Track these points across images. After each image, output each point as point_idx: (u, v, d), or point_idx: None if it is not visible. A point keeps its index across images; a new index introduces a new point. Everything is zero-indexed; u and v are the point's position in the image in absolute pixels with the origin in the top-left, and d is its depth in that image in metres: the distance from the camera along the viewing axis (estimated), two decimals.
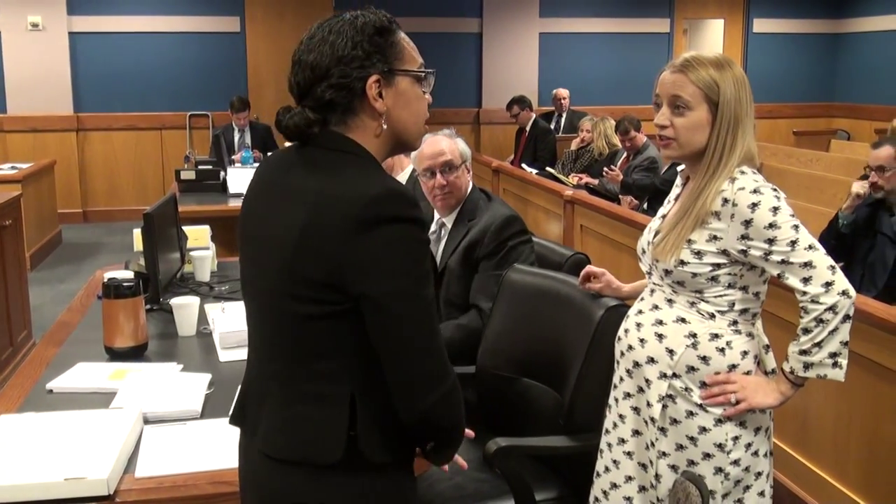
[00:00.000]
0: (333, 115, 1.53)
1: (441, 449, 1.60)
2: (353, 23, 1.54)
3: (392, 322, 1.44)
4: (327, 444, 1.48)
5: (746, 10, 11.47)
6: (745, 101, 2.01)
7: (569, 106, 9.64)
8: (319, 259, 1.44)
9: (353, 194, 1.43)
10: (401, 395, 1.47)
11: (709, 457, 2.01)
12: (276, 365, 1.55)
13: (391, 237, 1.42)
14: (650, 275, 2.14)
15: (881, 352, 2.75)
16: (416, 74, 1.59)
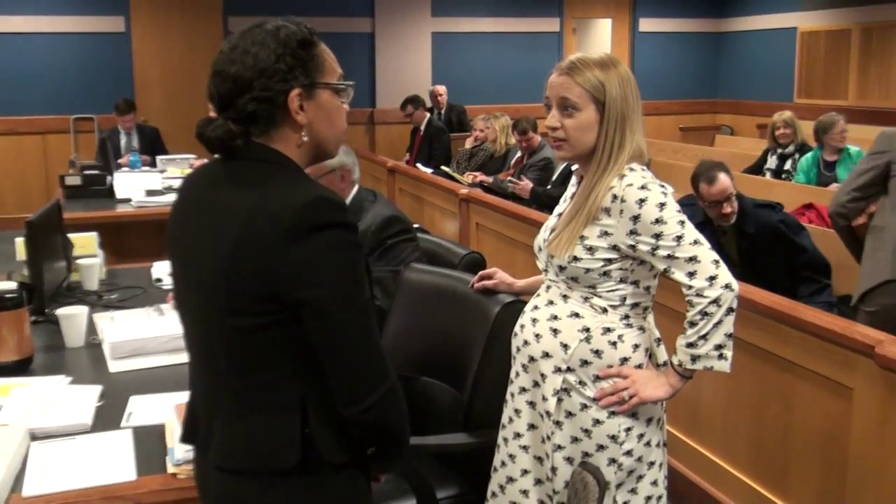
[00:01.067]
0: (255, 126, 1.54)
1: (384, 453, 1.63)
2: (275, 35, 1.54)
3: (330, 326, 1.46)
4: (284, 450, 1.50)
5: (633, 9, 11.76)
6: (631, 98, 2.06)
7: (447, 102, 9.72)
8: (255, 271, 1.44)
9: (283, 204, 1.44)
10: (342, 396, 1.50)
11: (603, 448, 2.06)
12: (222, 379, 1.55)
13: (324, 243, 1.44)
14: (546, 272, 2.18)
15: (765, 338, 2.86)
16: (337, 87, 1.61)
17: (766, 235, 4.02)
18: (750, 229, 4.03)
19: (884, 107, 9.15)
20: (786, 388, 2.85)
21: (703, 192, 4.00)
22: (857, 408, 2.54)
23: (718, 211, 4.00)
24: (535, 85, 10.97)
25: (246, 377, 1.52)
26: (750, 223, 4.04)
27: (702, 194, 4.02)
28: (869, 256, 3.27)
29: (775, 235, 4.02)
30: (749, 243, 4.04)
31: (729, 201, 3.99)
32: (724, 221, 4.04)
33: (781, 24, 11.04)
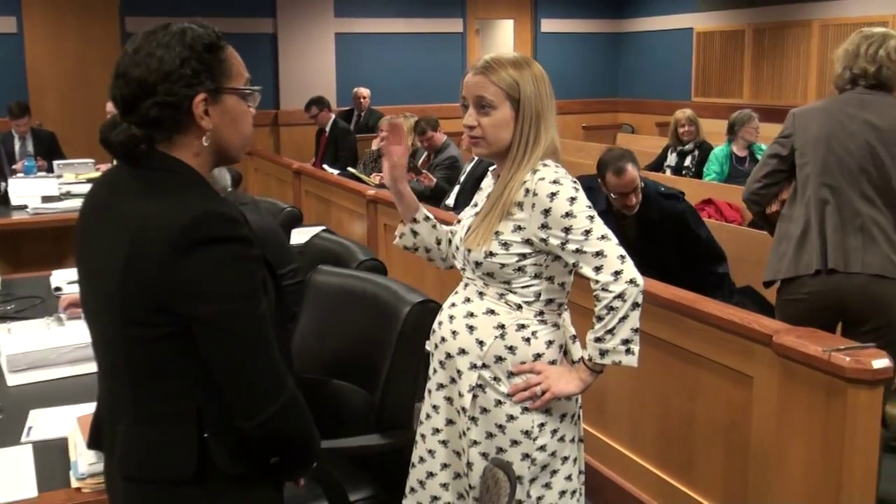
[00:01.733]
0: (159, 131, 1.51)
1: (290, 462, 1.62)
2: (181, 38, 1.51)
3: (220, 342, 1.45)
4: (180, 460, 1.49)
5: (534, 10, 11.91)
6: (545, 96, 2.10)
7: (369, 105, 9.70)
8: (146, 284, 1.43)
9: (173, 218, 1.42)
10: (238, 409, 1.48)
11: (516, 443, 2.08)
12: (122, 387, 1.53)
13: (212, 258, 1.42)
14: (464, 270, 2.20)
15: (668, 330, 2.93)
16: (243, 92, 1.59)
17: (669, 225, 4.00)
18: (654, 216, 4.00)
19: (776, 105, 9.49)
20: (689, 379, 2.92)
21: (610, 183, 3.95)
22: (757, 395, 2.62)
23: (623, 201, 3.97)
24: (441, 85, 11.09)
25: (145, 386, 1.50)
26: (655, 211, 4.00)
27: (608, 184, 3.96)
28: (775, 246, 3.24)
29: (678, 225, 4.00)
30: (650, 230, 4.00)
31: (635, 192, 3.95)
32: (627, 211, 4.00)
33: (678, 25, 11.33)
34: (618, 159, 3.96)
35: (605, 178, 3.98)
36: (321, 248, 3.52)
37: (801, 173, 3.14)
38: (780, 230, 3.21)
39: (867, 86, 3.10)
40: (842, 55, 3.16)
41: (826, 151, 3.07)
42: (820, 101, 3.26)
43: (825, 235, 3.05)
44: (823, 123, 3.11)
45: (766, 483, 2.61)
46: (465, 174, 6.04)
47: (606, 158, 4.01)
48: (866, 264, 3.01)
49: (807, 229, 3.09)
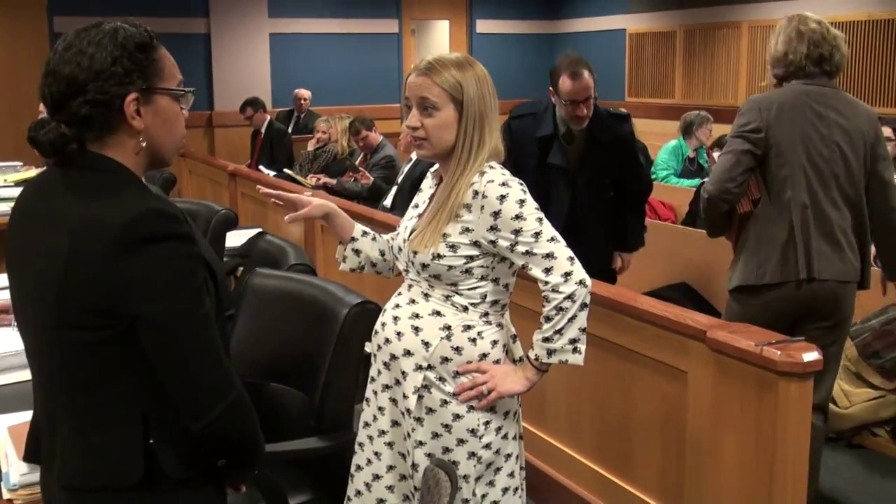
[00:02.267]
0: (90, 131, 1.48)
1: (236, 465, 1.60)
2: (113, 36, 1.49)
3: (167, 341, 1.43)
4: (126, 466, 1.47)
5: (469, 11, 11.96)
6: (488, 97, 2.11)
7: (309, 107, 9.65)
8: (88, 286, 1.40)
9: (112, 217, 1.40)
10: (185, 411, 1.47)
11: (463, 442, 2.09)
12: (63, 396, 1.50)
13: (156, 256, 1.41)
14: (407, 272, 2.19)
15: (604, 328, 2.97)
16: (176, 93, 1.57)
17: (617, 148, 3.77)
18: (604, 137, 3.74)
19: (708, 104, 9.66)
20: (625, 375, 2.96)
21: (564, 88, 3.61)
22: (691, 390, 2.67)
23: (574, 111, 3.63)
24: (377, 86, 11.07)
25: (85, 393, 1.48)
26: (605, 131, 3.75)
27: (561, 89, 3.62)
28: (753, 249, 3.04)
29: (625, 149, 3.80)
30: (596, 154, 3.74)
31: (587, 103, 3.62)
32: (576, 124, 3.67)
33: (611, 26, 11.48)
34: (575, 63, 3.66)
35: (557, 83, 3.67)
36: (258, 251, 3.49)
37: (779, 174, 2.99)
38: (758, 232, 3.03)
39: (821, 73, 3.03)
40: (794, 35, 3.03)
41: (804, 155, 2.98)
42: (779, 93, 3.06)
43: (809, 242, 2.97)
44: (795, 122, 2.99)
45: (701, 475, 2.66)
46: (403, 175, 6.02)
47: (561, 62, 3.71)
48: (836, 272, 2.98)
49: (792, 234, 2.97)
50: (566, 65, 3.67)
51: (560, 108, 3.67)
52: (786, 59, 3.04)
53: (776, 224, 2.98)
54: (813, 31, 3.02)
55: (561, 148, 3.70)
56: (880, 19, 8.28)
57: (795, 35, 3.03)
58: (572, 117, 3.65)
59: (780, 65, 3.07)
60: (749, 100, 3.10)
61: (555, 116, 3.74)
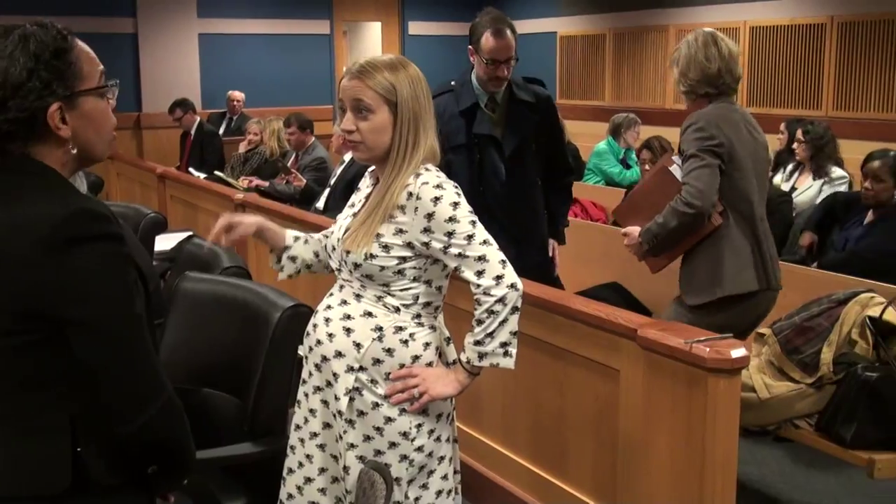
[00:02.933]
0: (13, 143, 1.45)
1: (167, 471, 1.57)
2: (25, 47, 1.44)
3: (99, 342, 1.40)
4: (54, 474, 1.43)
5: (401, 13, 11.95)
6: (422, 98, 2.10)
7: (241, 109, 9.55)
8: (14, 289, 1.37)
9: (40, 218, 1.37)
10: (115, 415, 1.44)
11: (394, 445, 2.09)
12: None
13: (86, 257, 1.38)
14: (339, 271, 2.18)
15: (537, 327, 2.99)
16: (100, 90, 1.53)
17: (541, 108, 3.66)
18: (527, 97, 3.62)
19: (637, 107, 9.80)
20: (559, 374, 2.99)
21: (486, 45, 3.44)
22: (623, 387, 2.71)
23: (494, 71, 3.47)
24: (309, 87, 11.00)
25: (11, 400, 1.44)
26: (525, 92, 3.64)
27: (483, 47, 3.45)
28: (727, 260, 3.08)
29: (548, 110, 3.69)
30: (520, 117, 3.61)
31: (508, 63, 3.47)
32: (495, 86, 3.53)
33: (542, 29, 11.57)
34: (497, 20, 3.50)
35: (479, 41, 3.50)
36: (188, 255, 3.44)
37: (739, 186, 3.10)
38: (731, 244, 3.09)
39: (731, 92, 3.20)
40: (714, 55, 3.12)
41: (753, 171, 3.13)
42: (719, 109, 3.15)
43: (770, 251, 3.17)
44: (741, 138, 3.12)
45: (633, 471, 2.70)
46: (336, 177, 5.99)
47: (482, 19, 3.53)
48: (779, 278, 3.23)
49: (758, 244, 3.12)
50: (488, 21, 3.49)
51: (479, 68, 3.52)
52: (718, 79, 3.12)
53: (745, 235, 3.10)
54: (730, 51, 3.14)
55: (485, 116, 3.57)
56: (803, 24, 8.51)
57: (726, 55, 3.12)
58: (492, 78, 3.49)
59: (712, 84, 3.14)
60: (701, 116, 3.10)
61: (473, 88, 3.62)
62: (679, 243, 3.14)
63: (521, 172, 3.62)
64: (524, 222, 3.65)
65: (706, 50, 3.12)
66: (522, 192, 3.64)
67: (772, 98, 8.85)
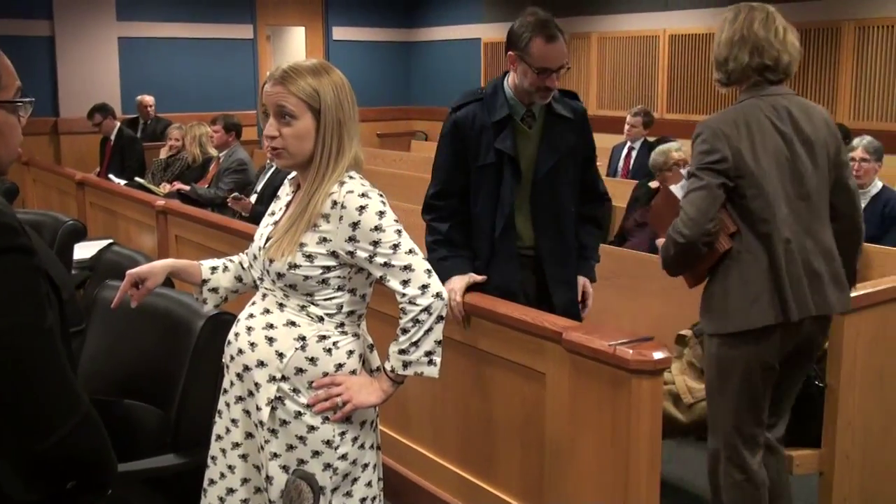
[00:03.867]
0: None
1: (87, 486, 1.52)
2: None
3: (11, 357, 1.36)
4: None
5: (325, 18, 11.90)
6: (346, 104, 2.08)
7: (155, 113, 9.37)
8: None
9: None
10: (31, 430, 1.39)
11: (318, 454, 2.07)
12: None
13: None
14: (262, 280, 2.15)
15: (464, 331, 3.00)
16: (14, 105, 1.49)
17: (578, 126, 3.13)
18: (565, 112, 3.08)
19: None
20: (486, 379, 3.01)
21: (536, 52, 2.91)
22: (549, 390, 2.73)
23: (543, 81, 2.94)
24: (233, 92, 10.87)
25: None
26: (563, 105, 3.10)
27: (533, 54, 2.91)
28: (738, 290, 2.65)
29: (584, 126, 3.16)
30: (559, 136, 3.07)
31: (558, 74, 2.95)
32: (542, 98, 2.99)
33: (466, 35, 11.66)
34: (547, 24, 2.96)
35: (526, 47, 2.94)
36: (109, 263, 3.36)
37: (754, 205, 2.63)
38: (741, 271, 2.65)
39: (776, 81, 2.69)
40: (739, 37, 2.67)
41: (777, 181, 2.64)
42: (739, 108, 2.70)
43: (794, 280, 2.63)
44: (761, 143, 2.64)
45: (560, 473, 2.72)
46: (264, 183, 5.92)
47: (528, 22, 2.97)
48: (821, 307, 2.67)
49: (777, 272, 2.62)
50: (537, 24, 2.95)
51: (523, 77, 2.96)
52: (738, 66, 2.69)
53: (759, 260, 2.63)
54: (756, 34, 2.67)
55: (511, 132, 3.02)
56: None
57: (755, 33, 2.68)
58: (540, 89, 2.95)
59: (734, 71, 2.71)
60: (708, 124, 2.69)
61: (507, 98, 3.06)
62: (688, 267, 2.76)
63: (552, 198, 3.07)
64: (553, 256, 3.08)
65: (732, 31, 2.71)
66: (553, 221, 3.08)
67: (691, 105, 9.05)
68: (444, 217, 3.06)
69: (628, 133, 7.42)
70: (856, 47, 7.80)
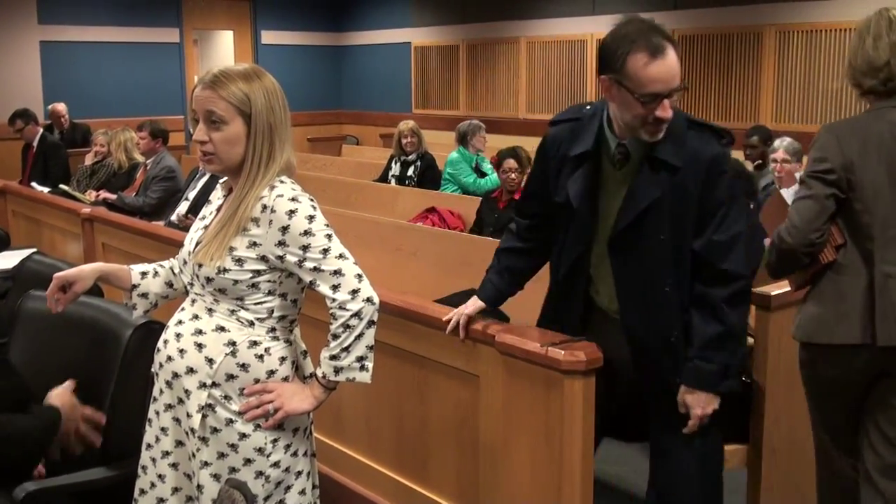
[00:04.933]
0: None
1: None
2: None
3: None
4: None
5: (254, 22, 11.80)
6: (278, 109, 2.06)
7: (70, 121, 9.16)
8: None
9: None
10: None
11: (249, 462, 2.05)
12: None
13: None
14: (191, 285, 2.12)
15: (397, 336, 3.00)
16: None
17: (692, 178, 2.32)
18: (674, 160, 2.31)
19: (491, 116, 10.01)
20: (421, 383, 3.01)
21: (642, 72, 2.21)
22: (483, 393, 2.75)
23: (652, 111, 2.23)
24: (159, 97, 10.70)
25: None
26: (677, 150, 2.31)
27: (637, 75, 2.21)
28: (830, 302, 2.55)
29: (707, 180, 2.33)
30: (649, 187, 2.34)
31: (671, 98, 2.24)
32: (652, 133, 2.28)
33: (396, 39, 11.66)
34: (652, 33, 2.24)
35: (625, 66, 2.22)
36: (33, 273, 3.28)
37: (862, 221, 2.50)
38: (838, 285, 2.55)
39: None
40: (880, 44, 2.49)
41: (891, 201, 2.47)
42: (860, 117, 2.57)
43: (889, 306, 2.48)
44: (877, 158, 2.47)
45: (495, 474, 2.74)
46: (197, 191, 5.81)
47: (628, 31, 2.25)
48: None
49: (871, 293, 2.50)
50: (639, 33, 2.24)
51: (623, 107, 2.28)
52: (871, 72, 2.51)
53: (856, 278, 2.52)
54: None
55: (589, 172, 2.42)
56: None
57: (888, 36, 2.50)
58: (647, 122, 2.26)
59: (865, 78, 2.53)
60: (826, 132, 2.52)
61: (602, 125, 2.42)
62: (789, 272, 2.64)
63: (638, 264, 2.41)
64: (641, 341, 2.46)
65: (869, 37, 2.52)
66: (640, 294, 2.43)
67: None
68: (513, 234, 2.71)
69: None
70: (777, 51, 8.01)
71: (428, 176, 7.22)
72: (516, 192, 5.52)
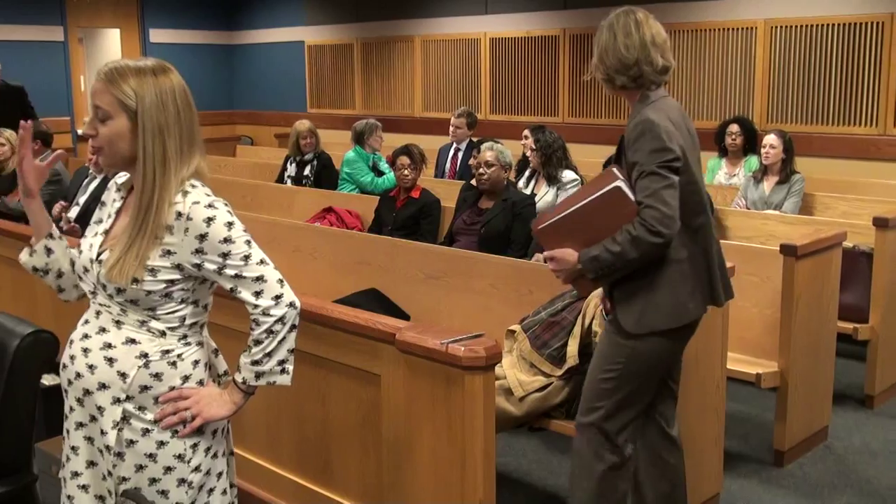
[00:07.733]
0: None
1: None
2: None
3: None
4: None
5: (141, 19, 11.49)
6: (172, 108, 1.97)
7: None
8: None
9: None
10: None
11: (170, 470, 2.01)
12: None
13: None
14: (94, 294, 2.04)
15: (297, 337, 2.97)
16: None
17: None
18: None
19: (387, 115, 10.00)
20: (321, 384, 2.99)
21: None
22: (385, 391, 2.75)
23: None
24: (43, 97, 10.29)
25: None
26: None
27: None
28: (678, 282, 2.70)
29: None
30: None
31: None
32: None
33: (289, 38, 11.53)
34: None
35: None
36: None
37: (691, 200, 2.69)
38: (680, 265, 2.70)
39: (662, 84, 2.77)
40: (648, 39, 2.69)
41: (700, 178, 2.77)
42: (664, 108, 2.71)
43: (722, 269, 2.82)
44: (689, 141, 2.74)
45: (399, 472, 2.75)
46: (88, 195, 5.58)
47: None
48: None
49: (709, 263, 2.76)
50: None
51: None
52: (654, 68, 2.71)
53: (695, 254, 2.72)
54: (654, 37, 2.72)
55: None
56: (538, 36, 9.00)
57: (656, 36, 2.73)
58: None
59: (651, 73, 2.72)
60: (656, 123, 2.63)
61: None
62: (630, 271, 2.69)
63: None
64: None
65: (628, 35, 2.71)
66: None
67: (513, 106, 9.30)
68: None
69: (453, 134, 7.52)
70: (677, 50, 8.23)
71: (325, 176, 7.17)
72: (413, 190, 5.53)
